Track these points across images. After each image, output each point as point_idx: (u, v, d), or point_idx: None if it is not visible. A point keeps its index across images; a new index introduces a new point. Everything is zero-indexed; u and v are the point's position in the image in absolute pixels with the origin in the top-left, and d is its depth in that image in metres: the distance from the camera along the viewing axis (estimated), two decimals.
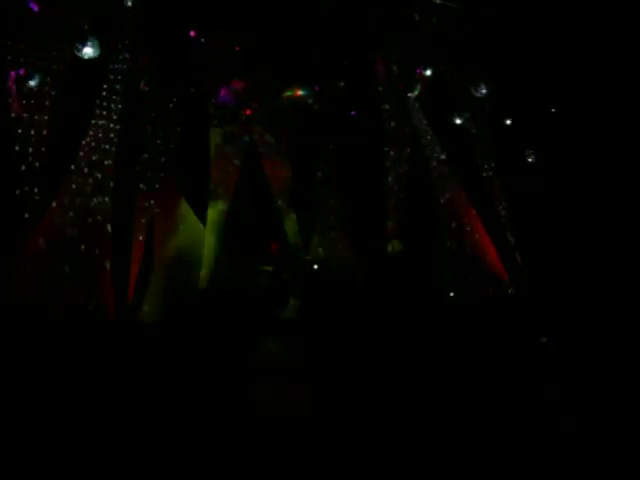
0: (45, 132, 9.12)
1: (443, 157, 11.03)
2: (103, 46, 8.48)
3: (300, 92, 9.66)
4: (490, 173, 10.99)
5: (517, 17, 10.54)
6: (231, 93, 10.62)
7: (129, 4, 9.19)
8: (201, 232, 10.11)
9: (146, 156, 9.86)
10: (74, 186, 8.85)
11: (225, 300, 9.01)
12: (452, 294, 10.46)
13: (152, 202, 9.78)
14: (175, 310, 9.00)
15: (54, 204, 8.71)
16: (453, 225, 11.04)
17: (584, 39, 10.10)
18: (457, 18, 10.73)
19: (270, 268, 9.47)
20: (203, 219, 10.27)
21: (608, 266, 9.61)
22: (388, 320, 9.33)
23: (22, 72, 8.81)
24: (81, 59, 8.46)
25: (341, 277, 10.54)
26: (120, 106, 9.23)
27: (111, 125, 9.16)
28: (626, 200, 9.97)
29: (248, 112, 10.47)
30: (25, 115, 8.97)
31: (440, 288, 10.51)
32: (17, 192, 8.78)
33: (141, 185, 9.72)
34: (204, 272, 10.01)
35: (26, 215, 8.78)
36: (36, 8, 8.65)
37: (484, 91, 10.43)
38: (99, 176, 9.01)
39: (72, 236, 8.72)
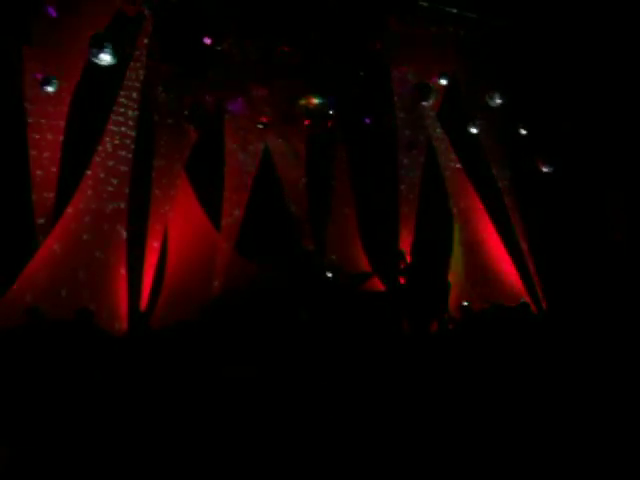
0: (61, 138, 9.13)
1: (458, 166, 11.01)
2: (120, 53, 8.48)
3: (315, 100, 9.64)
4: (505, 183, 10.95)
5: (532, 27, 10.54)
6: (247, 100, 10.63)
7: (147, 12, 9.20)
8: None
9: (162, 163, 9.88)
10: (90, 192, 8.84)
11: (239, 306, 8.99)
12: (465, 303, 10.40)
13: (167, 208, 9.82)
14: (188, 317, 8.98)
15: (69, 209, 8.68)
16: (467, 234, 11.01)
17: (599, 50, 10.08)
18: (473, 28, 10.74)
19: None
20: (217, 224, 10.29)
21: (623, 277, 9.54)
22: (402, 326, 9.31)
23: (39, 77, 8.80)
24: (98, 65, 8.46)
25: (354, 284, 10.53)
26: (136, 113, 9.22)
27: (127, 132, 9.15)
28: None
29: (264, 119, 10.46)
30: (42, 120, 8.98)
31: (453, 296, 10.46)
32: (33, 197, 8.79)
33: (156, 191, 9.74)
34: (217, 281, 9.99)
35: (42, 220, 8.79)
36: (54, 14, 8.67)
37: (499, 100, 10.43)
38: (115, 182, 9.01)
39: (87, 242, 8.72)
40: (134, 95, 9.24)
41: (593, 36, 10.05)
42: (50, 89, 8.80)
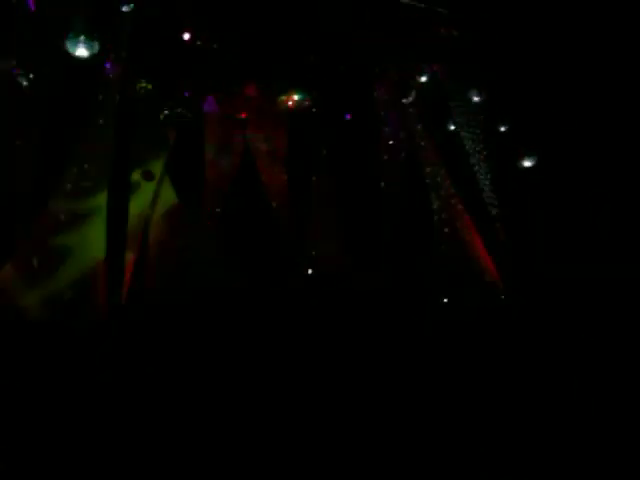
0: (38, 134, 8.99)
1: (438, 163, 11.05)
2: (98, 48, 8.36)
3: (296, 96, 9.63)
4: (485, 179, 11.01)
5: (512, 22, 10.59)
6: (226, 98, 10.58)
7: (125, 9, 9.10)
8: None
9: (141, 160, 9.80)
10: (67, 190, 8.74)
11: (220, 300, 8.98)
12: (445, 300, 10.45)
13: (147, 206, 9.73)
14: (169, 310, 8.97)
15: (47, 207, 8.57)
16: (447, 230, 11.05)
17: (581, 43, 10.14)
18: (451, 24, 10.77)
19: None
20: (197, 221, 10.24)
21: (606, 272, 9.62)
22: (384, 325, 9.34)
23: (15, 72, 8.67)
24: (75, 61, 8.34)
25: (335, 281, 10.52)
26: (114, 110, 9.09)
27: (105, 128, 9.03)
28: (625, 206, 10.00)
29: (243, 116, 10.43)
30: (18, 116, 8.83)
31: (434, 294, 10.51)
32: (11, 194, 8.65)
33: (136, 189, 9.65)
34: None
35: (19, 218, 8.66)
36: (33, 7, 8.52)
37: (479, 97, 10.48)
38: (93, 180, 8.91)
39: (66, 238, 8.63)
40: (112, 92, 9.11)
41: (578, 30, 10.11)
42: (26, 84, 8.64)
